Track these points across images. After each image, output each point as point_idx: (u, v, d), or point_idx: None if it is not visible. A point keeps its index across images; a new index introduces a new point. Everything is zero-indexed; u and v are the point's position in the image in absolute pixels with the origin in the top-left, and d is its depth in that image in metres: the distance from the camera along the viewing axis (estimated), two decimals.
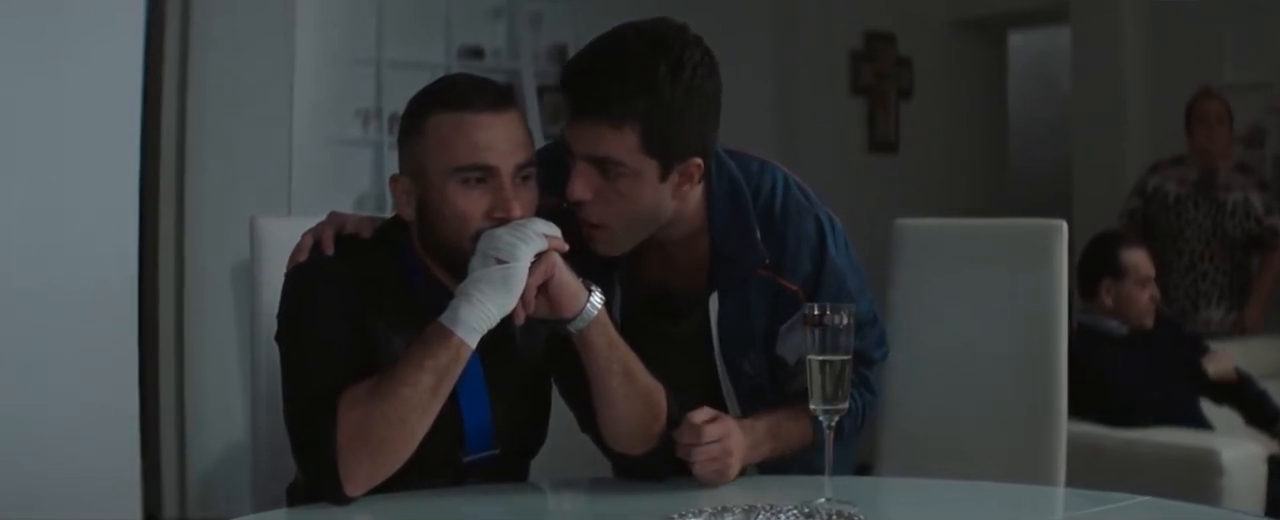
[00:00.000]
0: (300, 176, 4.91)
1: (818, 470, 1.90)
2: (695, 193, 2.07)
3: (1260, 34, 5.71)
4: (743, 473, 2.03)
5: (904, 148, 6.85)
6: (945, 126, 6.94)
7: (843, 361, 1.81)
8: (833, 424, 1.84)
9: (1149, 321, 4.03)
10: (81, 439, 3.17)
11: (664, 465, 1.99)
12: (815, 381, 1.81)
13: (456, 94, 1.88)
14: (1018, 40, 7.55)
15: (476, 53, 5.65)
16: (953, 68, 6.99)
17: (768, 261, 2.10)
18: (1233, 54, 5.77)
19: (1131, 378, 3.93)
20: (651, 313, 2.15)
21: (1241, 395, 4.18)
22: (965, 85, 7.07)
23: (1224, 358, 4.22)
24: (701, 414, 1.97)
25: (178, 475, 4.66)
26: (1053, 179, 7.33)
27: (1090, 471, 2.69)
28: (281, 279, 1.98)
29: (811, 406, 1.83)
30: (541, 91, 5.71)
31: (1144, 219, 5.18)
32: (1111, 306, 3.99)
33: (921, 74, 6.89)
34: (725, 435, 1.97)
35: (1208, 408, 4.10)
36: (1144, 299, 4.02)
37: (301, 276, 1.95)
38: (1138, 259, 4.03)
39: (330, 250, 1.96)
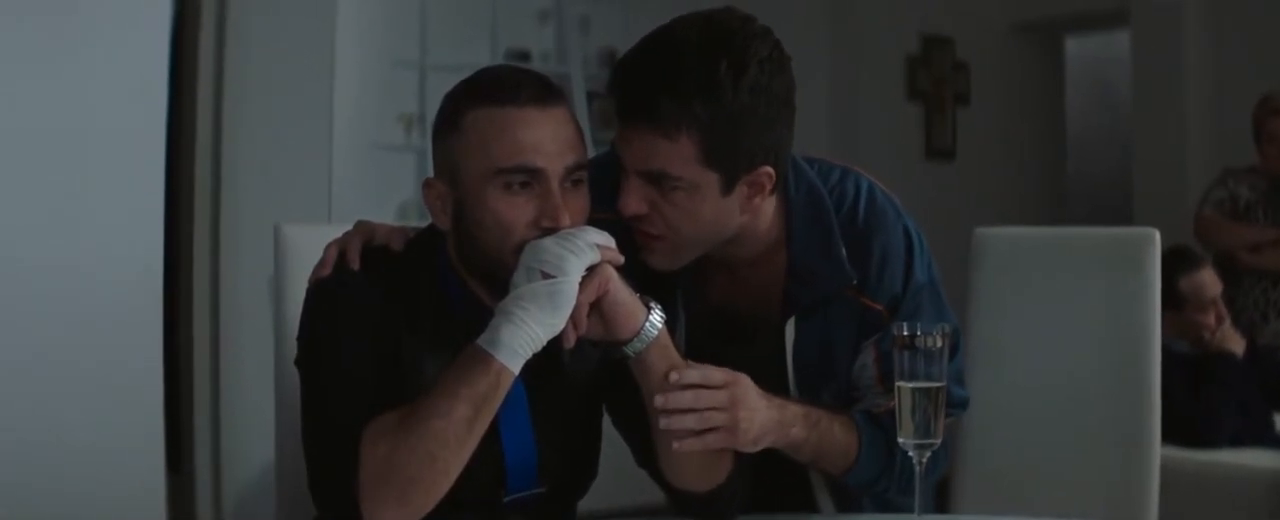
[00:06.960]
0: (340, 183, 4.83)
1: (894, 508, 1.72)
2: (768, 205, 1.86)
3: None
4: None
5: (961, 155, 6.73)
6: (1003, 133, 6.84)
7: (937, 389, 1.61)
8: (923, 460, 1.64)
9: (1232, 345, 3.88)
10: (105, 452, 3.07)
11: (731, 505, 1.80)
12: (905, 412, 1.61)
13: (498, 86, 1.68)
14: (1072, 46, 7.45)
15: (523, 56, 5.57)
16: (1011, 73, 6.90)
17: (854, 282, 1.89)
18: None
19: (1196, 399, 3.77)
20: (713, 335, 1.92)
21: None
22: (1023, 91, 6.97)
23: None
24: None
25: (212, 490, 4.55)
26: (1108, 186, 7.23)
27: (1168, 496, 2.50)
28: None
29: (901, 440, 1.63)
30: (591, 96, 5.62)
31: (1232, 207, 4.96)
32: (1176, 336, 3.84)
33: (979, 79, 6.78)
34: (730, 383, 1.71)
35: None
36: (1209, 321, 3.89)
37: (324, 293, 1.75)
38: (1195, 284, 3.89)
39: (356, 264, 1.77)
